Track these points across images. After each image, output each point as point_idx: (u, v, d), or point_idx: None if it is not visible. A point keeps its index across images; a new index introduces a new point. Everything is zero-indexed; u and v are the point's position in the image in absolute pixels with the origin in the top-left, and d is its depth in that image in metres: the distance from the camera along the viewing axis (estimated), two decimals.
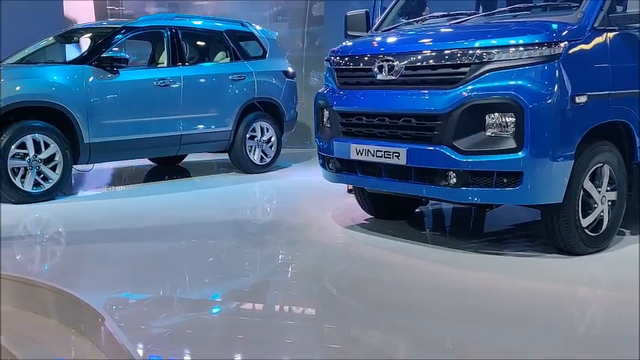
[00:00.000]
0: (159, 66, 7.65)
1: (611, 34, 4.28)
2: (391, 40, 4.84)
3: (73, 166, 6.68)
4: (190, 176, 8.40)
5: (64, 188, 6.67)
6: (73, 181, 7.38)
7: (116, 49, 7.05)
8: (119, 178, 8.29)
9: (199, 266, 4.41)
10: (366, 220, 5.53)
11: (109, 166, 8.77)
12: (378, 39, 4.94)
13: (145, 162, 9.01)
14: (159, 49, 7.86)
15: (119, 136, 6.92)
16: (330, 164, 4.97)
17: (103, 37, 7.16)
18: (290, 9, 11.59)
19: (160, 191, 7.15)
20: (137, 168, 8.91)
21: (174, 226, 5.56)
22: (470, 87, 4.10)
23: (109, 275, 4.21)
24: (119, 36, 7.20)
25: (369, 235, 5.11)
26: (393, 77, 4.44)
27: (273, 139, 8.27)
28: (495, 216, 5.69)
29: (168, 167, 8.91)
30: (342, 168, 4.88)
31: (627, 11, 4.17)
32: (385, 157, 4.45)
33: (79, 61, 6.92)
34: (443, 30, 4.70)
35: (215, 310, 3.65)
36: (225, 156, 8.31)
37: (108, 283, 4.05)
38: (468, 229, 5.66)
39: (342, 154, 4.79)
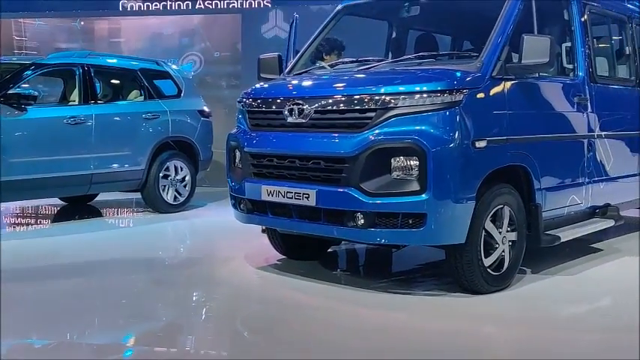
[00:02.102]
0: (70, 104, 7.49)
1: (508, 83, 4.52)
2: (302, 84, 4.94)
3: None
4: (102, 216, 8.19)
5: None
6: None
7: (25, 85, 6.87)
8: (27, 218, 7.98)
9: (110, 308, 4.30)
10: (279, 260, 5.54)
11: (17, 205, 8.44)
12: (289, 82, 5.04)
13: (55, 201, 8.73)
14: (70, 86, 7.71)
15: (27, 175, 6.69)
16: (242, 205, 4.97)
17: (10, 73, 6.96)
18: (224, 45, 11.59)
19: (70, 231, 6.94)
20: (46, 207, 8.61)
21: (84, 266, 5.40)
22: (376, 131, 4.22)
23: (15, 319, 4.03)
24: (28, 72, 7.02)
25: (282, 275, 5.12)
26: (303, 120, 4.52)
27: (187, 178, 8.20)
28: (407, 255, 5.81)
29: (79, 206, 8.65)
30: (253, 209, 4.89)
31: (522, 62, 4.42)
32: (295, 198, 4.50)
33: None
34: (351, 75, 4.84)
35: (126, 355, 3.56)
36: (139, 195, 8.16)
37: (14, 327, 3.87)
38: (379, 269, 5.76)
39: (253, 195, 4.80)
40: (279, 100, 4.74)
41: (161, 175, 7.91)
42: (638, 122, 5.98)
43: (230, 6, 12.12)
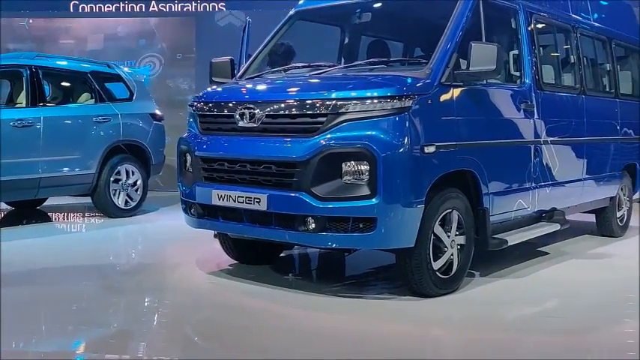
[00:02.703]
0: (17, 106, 7.33)
1: (457, 90, 4.60)
2: (253, 88, 4.94)
3: None
4: (51, 221, 8.02)
5: None
6: None
7: None
8: None
9: (60, 315, 4.22)
10: (230, 265, 5.51)
11: None
12: (241, 86, 5.03)
13: (2, 205, 8.50)
14: (17, 88, 7.54)
15: None
16: (192, 209, 4.94)
17: None
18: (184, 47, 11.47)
19: (18, 236, 6.76)
20: None
21: (33, 272, 5.28)
22: (327, 136, 4.24)
23: None
24: None
25: (233, 280, 5.09)
26: (254, 125, 4.52)
27: (139, 182, 8.10)
28: (361, 258, 5.85)
29: (27, 211, 8.44)
30: (204, 213, 4.86)
31: (470, 69, 4.50)
32: (246, 203, 4.49)
33: None
34: (303, 80, 4.86)
35: None
36: (89, 200, 8.01)
37: None
38: (331, 273, 5.78)
39: (204, 200, 4.77)
40: (230, 104, 4.73)
41: (112, 179, 7.80)
42: (582, 129, 6.16)
43: (184, 9, 12.03)
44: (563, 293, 4.95)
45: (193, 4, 11.99)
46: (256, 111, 4.51)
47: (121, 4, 11.81)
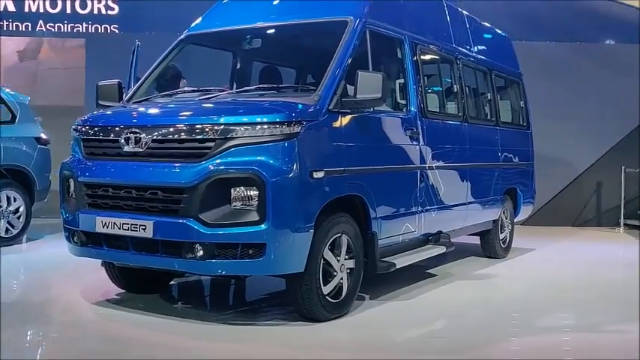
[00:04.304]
0: None
1: (345, 116, 4.70)
2: (140, 112, 4.83)
3: None
4: None
5: None
6: None
7: None
8: None
9: None
10: (117, 294, 5.32)
11: None
12: (128, 110, 4.92)
13: None
14: None
15: None
16: (76, 237, 4.75)
17: None
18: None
19: None
20: None
21: None
22: (216, 161, 4.20)
23: None
24: None
25: (120, 311, 4.91)
26: (140, 149, 4.42)
27: (21, 209, 7.72)
28: (255, 284, 5.79)
29: None
30: (87, 241, 4.68)
31: (357, 96, 4.61)
32: (132, 230, 4.36)
33: None
34: (192, 104, 4.81)
35: None
36: None
37: None
38: (224, 300, 5.69)
39: (87, 227, 4.61)
40: (115, 128, 4.60)
41: None
42: (465, 154, 6.44)
43: (75, 30, 11.69)
44: (450, 314, 5.12)
45: (84, 25, 11.68)
46: (142, 135, 4.41)
47: (5, 23, 11.32)
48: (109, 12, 12.63)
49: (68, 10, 11.94)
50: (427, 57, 6.04)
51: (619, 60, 11.24)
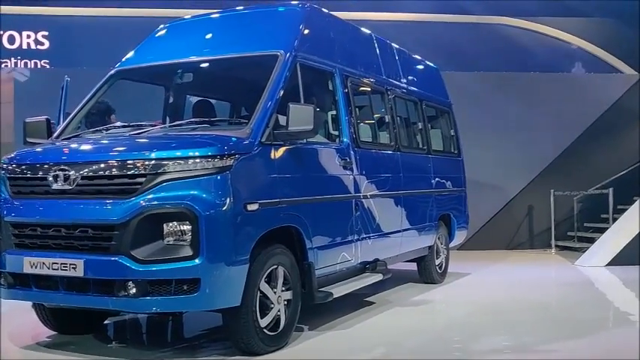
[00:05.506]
0: None
1: (278, 148, 4.72)
2: (70, 148, 4.74)
3: None
4: None
5: None
6: None
7: None
8: None
9: None
10: (49, 337, 5.15)
11: None
12: (56, 147, 4.82)
13: None
14: None
15: None
16: (2, 279, 4.58)
17: None
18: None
19: None
20: None
21: None
22: (148, 196, 4.15)
23: None
24: None
25: (52, 354, 4.75)
26: (69, 187, 4.33)
27: None
28: (194, 320, 5.70)
29: None
30: (15, 283, 4.52)
31: (289, 128, 4.65)
32: (62, 270, 4.24)
33: None
34: (122, 140, 4.75)
35: None
36: None
37: None
38: (161, 337, 5.58)
39: (14, 268, 4.46)
40: (44, 166, 4.50)
41: None
42: (399, 183, 6.56)
43: (3, 65, 11.42)
44: (390, 342, 5.15)
45: (12, 60, 11.43)
46: (71, 172, 4.33)
47: None
48: (39, 47, 12.43)
49: None
50: (358, 89, 6.16)
51: (546, 88, 11.76)
